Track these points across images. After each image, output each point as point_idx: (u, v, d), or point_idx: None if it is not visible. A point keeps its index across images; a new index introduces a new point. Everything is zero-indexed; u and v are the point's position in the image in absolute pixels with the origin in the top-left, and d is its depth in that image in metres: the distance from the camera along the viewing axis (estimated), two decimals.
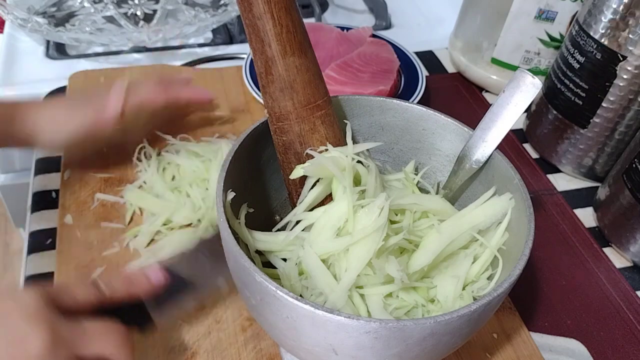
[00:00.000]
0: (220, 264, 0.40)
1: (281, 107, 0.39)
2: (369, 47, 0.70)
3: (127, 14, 0.79)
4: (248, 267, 0.32)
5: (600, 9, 0.54)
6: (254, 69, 0.41)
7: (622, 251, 0.56)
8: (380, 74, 0.66)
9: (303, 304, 0.30)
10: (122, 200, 0.54)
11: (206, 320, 0.46)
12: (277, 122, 0.39)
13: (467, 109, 0.73)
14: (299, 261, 0.38)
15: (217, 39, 0.81)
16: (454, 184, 0.43)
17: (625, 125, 0.57)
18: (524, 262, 0.34)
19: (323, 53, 0.69)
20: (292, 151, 0.40)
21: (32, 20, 0.70)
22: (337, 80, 0.64)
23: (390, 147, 0.47)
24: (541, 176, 0.65)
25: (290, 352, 0.38)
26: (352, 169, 0.39)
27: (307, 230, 0.38)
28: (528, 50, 0.69)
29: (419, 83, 0.68)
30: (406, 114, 0.45)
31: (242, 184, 0.40)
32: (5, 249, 1.48)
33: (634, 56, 0.52)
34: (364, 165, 0.40)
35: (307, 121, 0.39)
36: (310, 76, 0.38)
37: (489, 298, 0.32)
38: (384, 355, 0.32)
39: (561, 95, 0.60)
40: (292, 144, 0.40)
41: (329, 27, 0.74)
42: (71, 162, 0.58)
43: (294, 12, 0.37)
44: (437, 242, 0.38)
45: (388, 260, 0.35)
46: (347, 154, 0.39)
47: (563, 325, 0.50)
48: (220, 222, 0.35)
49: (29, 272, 0.49)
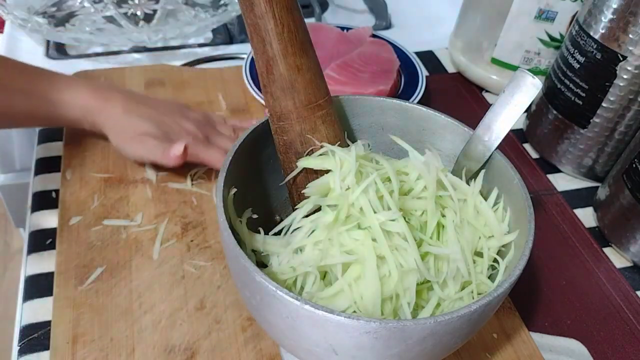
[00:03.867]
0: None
1: (282, 107, 0.39)
2: (369, 47, 0.70)
3: (127, 14, 0.79)
4: (248, 267, 0.32)
5: (600, 9, 0.54)
6: (254, 68, 0.41)
7: (622, 251, 0.56)
8: (380, 74, 0.66)
9: (303, 304, 0.30)
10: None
11: (206, 320, 0.46)
12: (278, 122, 0.40)
13: (467, 109, 0.73)
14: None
15: (217, 39, 0.81)
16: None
17: (625, 125, 0.57)
18: (524, 262, 0.34)
19: (323, 53, 0.69)
20: (292, 151, 0.40)
21: (32, 20, 0.70)
22: (337, 80, 0.64)
23: (390, 147, 0.47)
24: (541, 176, 0.65)
25: (290, 352, 0.38)
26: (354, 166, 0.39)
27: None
28: (528, 50, 0.69)
29: (419, 83, 0.68)
30: (406, 114, 0.45)
31: (242, 184, 0.40)
32: (5, 249, 1.48)
33: (634, 56, 0.52)
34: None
35: (308, 121, 0.39)
36: (311, 76, 0.38)
37: (489, 298, 0.32)
38: (384, 355, 0.32)
39: (561, 95, 0.60)
40: (292, 143, 0.40)
41: (329, 27, 0.74)
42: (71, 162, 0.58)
43: (295, 12, 0.37)
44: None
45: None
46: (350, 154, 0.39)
47: (563, 325, 0.50)
48: (221, 221, 0.35)
49: (29, 272, 0.49)
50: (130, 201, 0.55)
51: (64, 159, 0.58)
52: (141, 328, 0.45)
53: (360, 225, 0.37)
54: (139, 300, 0.47)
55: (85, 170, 0.57)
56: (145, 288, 0.48)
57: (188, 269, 0.50)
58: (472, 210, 0.40)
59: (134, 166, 0.58)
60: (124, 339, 0.44)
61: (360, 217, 0.36)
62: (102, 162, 0.58)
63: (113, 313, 0.46)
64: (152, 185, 0.57)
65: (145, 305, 0.47)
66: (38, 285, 0.48)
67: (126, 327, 0.45)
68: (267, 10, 0.36)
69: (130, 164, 0.58)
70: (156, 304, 0.47)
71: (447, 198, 0.40)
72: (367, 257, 0.35)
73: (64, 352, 0.43)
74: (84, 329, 0.45)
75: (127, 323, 0.45)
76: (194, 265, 0.50)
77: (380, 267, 0.35)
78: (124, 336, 0.45)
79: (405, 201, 0.39)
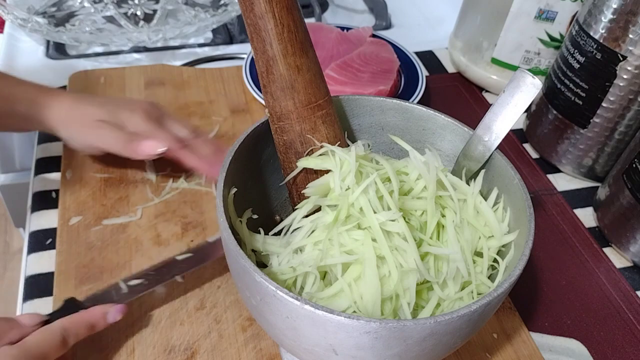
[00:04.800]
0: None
1: (282, 107, 0.39)
2: (369, 47, 0.70)
3: (127, 14, 0.79)
4: (248, 267, 0.32)
5: (600, 9, 0.54)
6: (254, 68, 0.41)
7: (622, 251, 0.56)
8: (380, 74, 0.66)
9: (303, 304, 0.30)
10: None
11: (206, 320, 0.46)
12: (278, 122, 0.40)
13: (467, 109, 0.73)
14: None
15: (217, 39, 0.81)
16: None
17: (625, 125, 0.57)
18: (524, 262, 0.34)
19: (323, 53, 0.69)
20: (292, 151, 0.40)
21: (32, 20, 0.70)
22: (337, 80, 0.64)
23: (391, 147, 0.47)
24: (541, 176, 0.65)
25: (290, 352, 0.38)
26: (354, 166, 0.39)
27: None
28: (528, 50, 0.69)
29: (419, 83, 0.68)
30: (406, 114, 0.45)
31: (242, 184, 0.40)
32: (5, 249, 1.48)
33: (634, 56, 0.52)
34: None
35: (308, 121, 0.39)
36: (311, 76, 0.38)
37: (489, 298, 0.32)
38: (384, 355, 0.32)
39: (561, 95, 0.60)
40: (292, 143, 0.40)
41: (329, 27, 0.74)
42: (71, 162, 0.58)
43: (295, 12, 0.37)
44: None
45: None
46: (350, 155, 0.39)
47: (563, 325, 0.50)
48: (221, 221, 0.35)
49: (29, 272, 0.49)
50: (130, 201, 0.55)
51: (64, 159, 0.58)
52: (141, 328, 0.45)
53: (360, 225, 0.37)
54: (139, 300, 0.47)
55: (85, 170, 0.57)
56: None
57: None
58: (472, 210, 0.40)
59: (134, 166, 0.58)
60: (124, 339, 0.44)
61: (360, 217, 0.36)
62: (102, 162, 0.58)
63: None
64: (152, 185, 0.57)
65: (146, 305, 0.47)
66: (38, 285, 0.48)
67: (126, 327, 0.45)
68: (267, 10, 0.36)
69: (130, 164, 0.58)
70: (156, 304, 0.47)
71: (447, 198, 0.40)
72: (367, 257, 0.35)
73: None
74: None
75: (127, 323, 0.45)
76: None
77: (380, 267, 0.35)
78: (124, 336, 0.45)
79: (405, 201, 0.39)
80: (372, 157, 0.41)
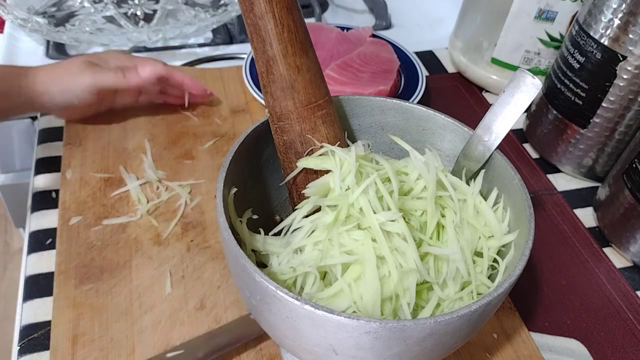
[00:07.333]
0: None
1: (282, 107, 0.39)
2: (369, 47, 0.70)
3: (127, 14, 0.79)
4: (248, 267, 0.32)
5: (600, 9, 0.54)
6: (254, 68, 0.41)
7: (622, 251, 0.56)
8: (380, 74, 0.66)
9: (303, 304, 0.30)
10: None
11: (206, 320, 0.46)
12: (278, 122, 0.40)
13: (467, 109, 0.73)
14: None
15: (217, 39, 0.81)
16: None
17: (625, 125, 0.57)
18: (524, 262, 0.34)
19: (323, 53, 0.69)
20: (292, 151, 0.40)
21: (32, 20, 0.70)
22: (337, 80, 0.64)
23: (391, 147, 0.47)
24: (541, 176, 0.65)
25: (290, 352, 0.37)
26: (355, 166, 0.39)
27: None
28: (528, 50, 0.69)
29: (419, 83, 0.68)
30: (406, 114, 0.45)
31: (242, 184, 0.40)
32: (5, 249, 1.48)
33: (634, 56, 0.52)
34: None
35: (308, 121, 0.39)
36: (311, 76, 0.38)
37: (489, 298, 0.32)
38: (384, 355, 0.32)
39: (561, 95, 0.60)
40: (292, 143, 0.40)
41: (329, 27, 0.74)
42: (71, 162, 0.58)
43: (295, 12, 0.37)
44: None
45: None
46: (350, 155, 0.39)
47: (563, 325, 0.50)
48: (221, 221, 0.35)
49: (29, 272, 0.49)
50: (130, 201, 0.55)
51: (64, 159, 0.58)
52: (141, 328, 0.45)
53: (360, 225, 0.37)
54: (139, 300, 0.47)
55: (85, 170, 0.57)
56: (145, 288, 0.48)
57: (188, 269, 0.50)
58: (472, 211, 0.40)
59: (133, 166, 0.58)
60: (124, 339, 0.44)
61: (360, 218, 0.36)
62: (102, 162, 0.58)
63: (113, 313, 0.46)
64: (152, 185, 0.57)
65: (145, 305, 0.47)
66: (38, 285, 0.48)
67: (126, 327, 0.45)
68: (267, 10, 0.36)
69: (130, 165, 0.58)
70: (156, 304, 0.47)
71: (447, 198, 0.40)
72: (367, 257, 0.35)
73: (64, 352, 0.43)
74: (84, 329, 0.45)
75: (127, 323, 0.45)
76: (194, 265, 0.50)
77: (380, 268, 0.35)
78: (124, 336, 0.45)
79: (405, 201, 0.39)
80: (372, 157, 0.41)
